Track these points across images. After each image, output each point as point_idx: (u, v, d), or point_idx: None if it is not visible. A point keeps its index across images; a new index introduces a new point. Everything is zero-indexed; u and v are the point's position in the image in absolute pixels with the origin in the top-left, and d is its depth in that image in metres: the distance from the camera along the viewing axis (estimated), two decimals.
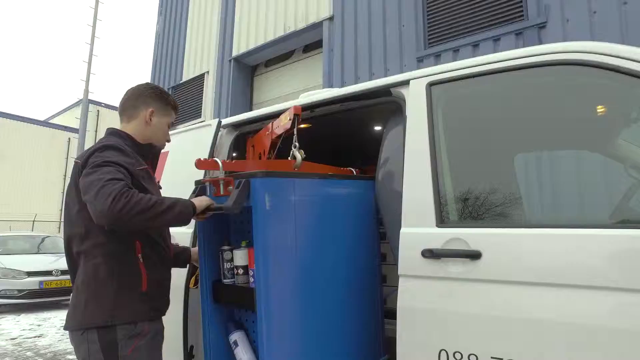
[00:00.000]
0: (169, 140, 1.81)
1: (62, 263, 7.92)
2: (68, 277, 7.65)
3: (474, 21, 4.56)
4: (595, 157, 1.68)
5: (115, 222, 1.31)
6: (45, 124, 24.75)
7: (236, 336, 1.75)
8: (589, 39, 3.80)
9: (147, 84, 1.78)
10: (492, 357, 1.32)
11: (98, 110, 24.42)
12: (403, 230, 1.56)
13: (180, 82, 8.51)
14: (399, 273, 1.54)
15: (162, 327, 1.61)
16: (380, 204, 1.83)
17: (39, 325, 6.20)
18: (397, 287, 1.54)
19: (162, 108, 1.72)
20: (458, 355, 1.38)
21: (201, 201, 1.55)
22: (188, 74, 8.39)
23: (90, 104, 25.64)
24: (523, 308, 1.29)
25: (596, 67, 1.31)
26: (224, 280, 1.75)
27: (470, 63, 1.61)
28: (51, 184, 23.17)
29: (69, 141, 24.57)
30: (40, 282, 7.41)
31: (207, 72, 7.92)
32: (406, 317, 1.49)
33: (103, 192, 1.30)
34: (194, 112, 8.09)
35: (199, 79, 8.10)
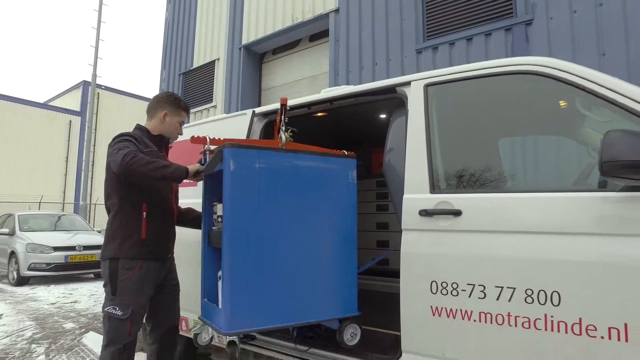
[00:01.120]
0: (181, 133, 2.44)
1: (77, 240, 8.48)
2: (90, 252, 8.26)
3: (468, 17, 5.02)
4: (556, 140, 2.20)
5: (125, 171, 1.91)
6: (46, 106, 24.94)
7: (221, 272, 2.20)
8: (569, 36, 4.28)
9: (166, 92, 2.43)
10: (467, 284, 1.86)
11: (98, 93, 24.66)
12: (405, 196, 2.09)
13: (192, 68, 8.93)
14: (402, 228, 2.07)
15: (159, 266, 2.19)
16: (387, 177, 2.34)
17: (70, 293, 6.80)
18: (399, 248, 2.07)
19: (173, 111, 2.33)
20: (444, 284, 1.92)
21: (193, 167, 2.13)
22: (199, 61, 8.80)
23: (91, 87, 25.87)
24: (491, 249, 1.82)
25: (546, 76, 1.83)
26: (213, 228, 2.24)
27: (457, 70, 2.12)
28: (54, 165, 23.54)
29: (69, 123, 24.86)
30: (66, 257, 8.01)
31: (218, 59, 8.34)
32: (407, 259, 2.02)
33: (119, 152, 1.93)
34: (206, 97, 8.54)
35: (210, 66, 8.52)
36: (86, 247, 8.37)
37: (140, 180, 2.07)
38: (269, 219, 2.01)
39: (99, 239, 8.88)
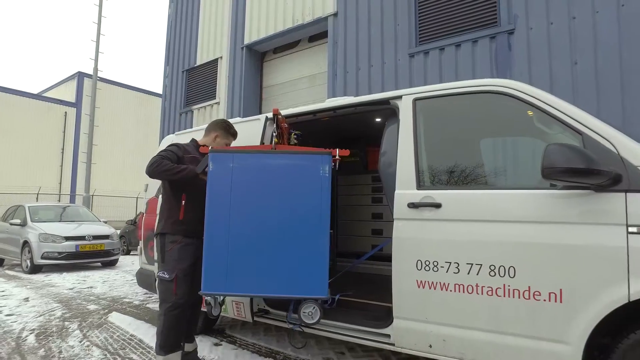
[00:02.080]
0: None
1: (86, 230, 8.87)
2: (99, 241, 8.68)
3: (457, 24, 5.45)
4: (517, 146, 2.66)
5: (149, 173, 2.62)
6: (41, 97, 24.89)
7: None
8: (546, 45, 4.74)
9: (222, 119, 3.09)
10: (445, 262, 2.32)
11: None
12: (397, 191, 2.54)
13: (195, 65, 9.29)
14: (393, 217, 2.53)
15: (196, 243, 2.66)
16: (382, 175, 2.78)
17: (84, 280, 7.23)
18: (391, 237, 2.52)
19: (223, 135, 2.98)
20: (427, 262, 2.38)
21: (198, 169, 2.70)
22: (202, 59, 9.16)
23: (86, 78, 25.89)
24: (464, 234, 2.28)
25: (507, 95, 2.29)
26: None
27: (440, 87, 2.58)
28: (49, 157, 23.66)
29: (65, 115, 24.96)
30: (77, 246, 8.42)
31: (221, 57, 8.71)
32: (398, 243, 2.49)
33: (151, 160, 2.64)
34: (209, 94, 8.92)
35: (213, 63, 8.89)
36: (95, 237, 8.79)
37: (163, 180, 2.76)
38: (240, 207, 2.47)
39: (106, 229, 9.30)
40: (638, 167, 1.86)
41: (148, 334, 3.85)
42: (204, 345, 3.42)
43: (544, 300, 2.02)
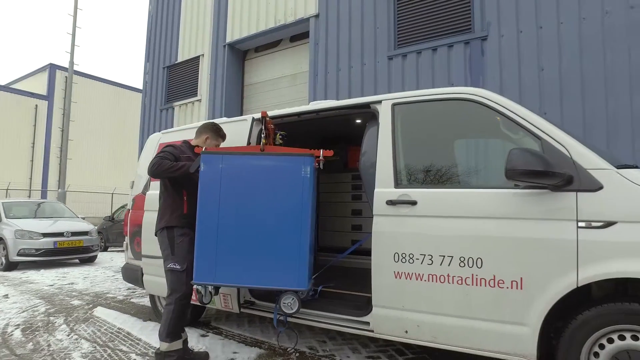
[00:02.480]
0: None
1: (65, 226, 8.77)
2: (78, 238, 8.61)
3: (433, 29, 5.70)
4: (485, 148, 2.90)
5: (151, 174, 2.84)
6: (10, 89, 24.08)
7: None
8: (515, 53, 5.04)
9: (212, 122, 3.28)
10: (420, 254, 2.54)
11: (65, 77, 24.04)
12: (376, 190, 2.74)
13: (176, 62, 9.28)
14: (373, 213, 2.73)
15: None
16: (362, 174, 2.97)
17: (63, 276, 7.19)
18: (371, 232, 2.71)
19: (213, 137, 3.17)
20: (404, 255, 2.59)
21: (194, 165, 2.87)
22: (183, 55, 9.16)
23: (57, 70, 25.15)
24: (436, 229, 2.50)
25: (476, 102, 2.52)
26: None
27: (416, 94, 2.79)
28: (19, 152, 22.96)
29: (36, 108, 24.22)
30: (55, 242, 8.32)
31: (202, 54, 8.74)
32: (377, 237, 2.69)
33: (151, 161, 2.84)
34: (190, 91, 8.94)
35: (195, 61, 8.91)
36: (74, 233, 8.71)
37: (166, 177, 2.94)
38: (227, 205, 2.68)
39: (85, 225, 9.21)
40: (587, 170, 2.12)
41: (135, 326, 3.95)
42: (191, 336, 3.55)
43: (507, 287, 2.25)
